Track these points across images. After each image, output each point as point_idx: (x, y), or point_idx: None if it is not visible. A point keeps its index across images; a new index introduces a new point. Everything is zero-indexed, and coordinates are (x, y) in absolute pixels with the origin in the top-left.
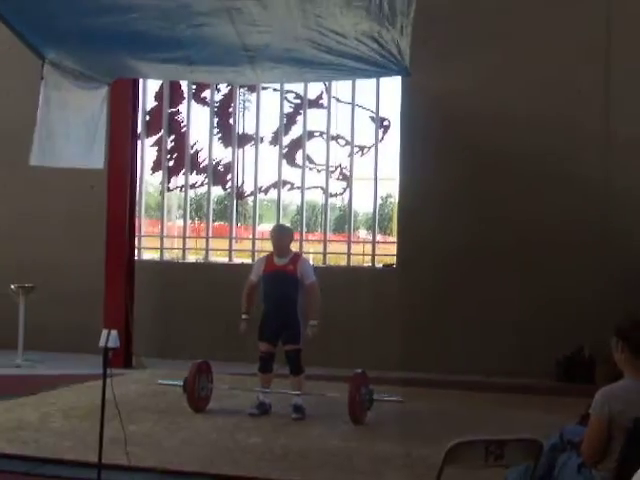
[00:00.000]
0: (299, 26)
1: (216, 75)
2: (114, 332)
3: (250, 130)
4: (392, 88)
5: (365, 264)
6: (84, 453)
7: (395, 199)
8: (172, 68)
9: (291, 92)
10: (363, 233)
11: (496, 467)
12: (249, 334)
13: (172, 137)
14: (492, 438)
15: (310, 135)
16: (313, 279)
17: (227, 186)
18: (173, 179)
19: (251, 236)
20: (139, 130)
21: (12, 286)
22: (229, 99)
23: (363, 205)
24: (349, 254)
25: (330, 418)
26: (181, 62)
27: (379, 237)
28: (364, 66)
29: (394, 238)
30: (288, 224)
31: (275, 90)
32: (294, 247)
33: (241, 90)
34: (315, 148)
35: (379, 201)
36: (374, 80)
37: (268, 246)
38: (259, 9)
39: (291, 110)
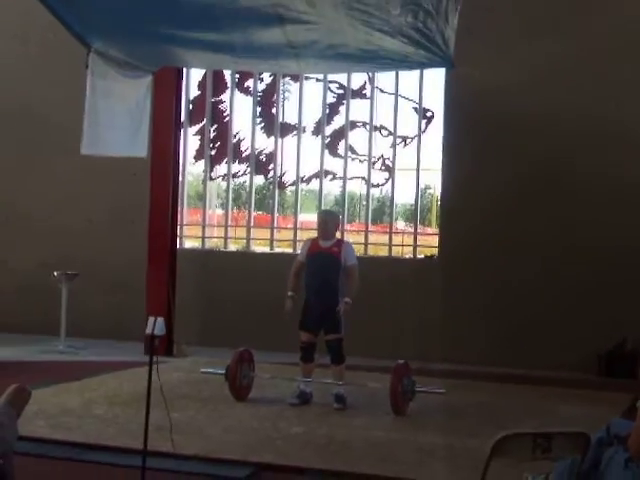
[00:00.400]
0: (345, 23)
1: (260, 65)
2: (160, 319)
3: (292, 120)
4: (436, 78)
5: (405, 255)
6: (127, 440)
7: (434, 190)
8: (216, 57)
9: (334, 82)
10: (401, 224)
11: (543, 460)
12: (293, 314)
13: (215, 126)
14: (540, 431)
15: (353, 125)
16: (355, 261)
17: (269, 176)
18: (215, 168)
19: (292, 225)
20: (182, 119)
21: (55, 273)
22: (272, 88)
23: (401, 196)
24: (390, 245)
25: (372, 408)
26: (225, 52)
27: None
28: (408, 58)
29: (432, 229)
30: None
31: (318, 80)
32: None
33: (284, 80)
34: (357, 138)
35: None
36: (418, 71)
37: (308, 236)
38: (305, 6)
39: (334, 100)
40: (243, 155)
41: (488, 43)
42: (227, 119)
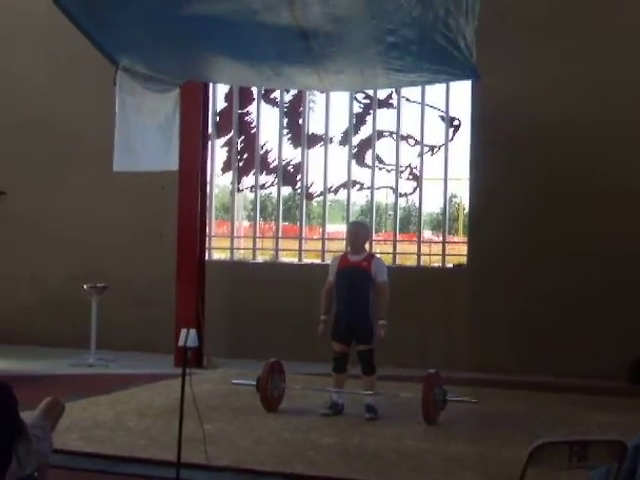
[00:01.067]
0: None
1: (285, 84)
2: (193, 331)
3: (319, 130)
4: (462, 87)
5: (433, 264)
6: (159, 452)
7: (460, 199)
8: (241, 75)
9: (360, 92)
10: (427, 233)
11: (579, 468)
12: (328, 335)
13: (242, 138)
14: (575, 439)
15: (379, 135)
16: (385, 278)
17: (296, 187)
18: (242, 180)
19: (319, 236)
20: (209, 131)
21: (85, 286)
22: (298, 100)
23: (427, 205)
24: (419, 254)
25: (403, 418)
26: (251, 70)
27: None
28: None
29: (459, 238)
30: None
31: (344, 90)
32: None
33: (310, 91)
34: (384, 148)
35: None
36: None
37: (335, 246)
38: (331, 27)
39: (360, 110)
40: (270, 166)
41: (511, 52)
42: (254, 130)
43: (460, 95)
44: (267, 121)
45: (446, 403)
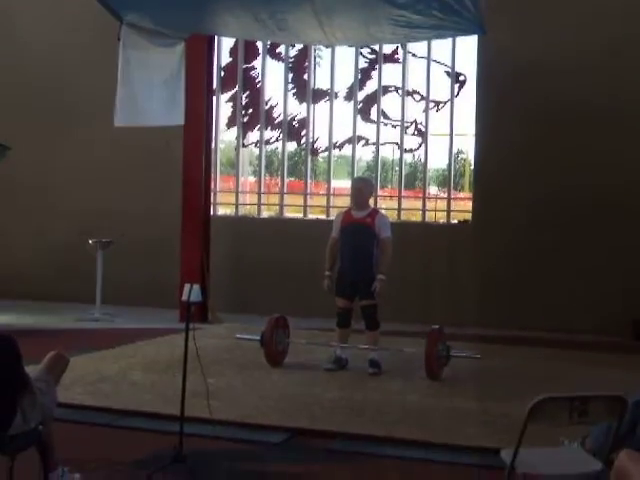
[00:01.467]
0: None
1: (290, 38)
2: (196, 286)
3: (325, 85)
4: (468, 43)
5: (438, 220)
6: (164, 406)
7: (467, 155)
8: (246, 28)
9: (366, 47)
10: (433, 189)
11: (580, 424)
12: (332, 290)
13: (247, 93)
14: (576, 395)
15: (385, 90)
16: (388, 234)
17: (301, 142)
18: (247, 135)
19: (324, 192)
20: (214, 86)
21: (90, 241)
22: (304, 54)
23: (433, 161)
24: (424, 210)
25: (407, 373)
26: (255, 23)
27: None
28: (440, 26)
29: (465, 194)
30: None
31: (350, 46)
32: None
33: (315, 46)
34: (390, 103)
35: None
36: None
37: (341, 202)
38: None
39: (366, 65)
40: (275, 122)
41: (517, 6)
42: (259, 86)
43: (466, 50)
44: (272, 76)
45: (449, 359)
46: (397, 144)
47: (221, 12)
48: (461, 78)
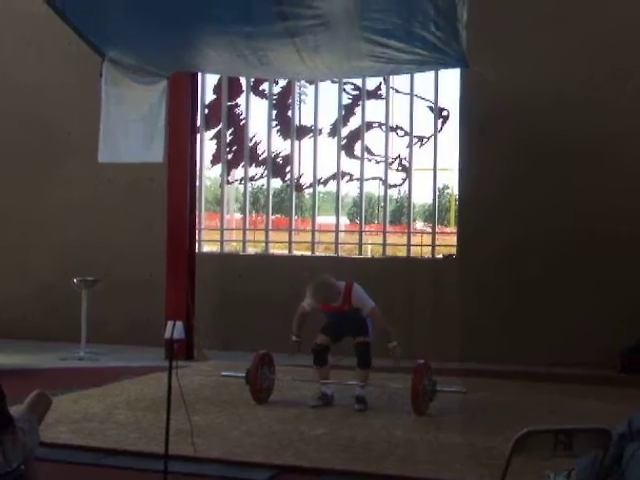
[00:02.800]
0: (359, 36)
1: (273, 72)
2: (179, 323)
3: (308, 122)
4: (451, 78)
5: (424, 255)
6: (149, 444)
7: (452, 190)
8: (229, 64)
9: (349, 83)
10: (419, 224)
11: (565, 457)
12: (301, 354)
13: (231, 130)
14: (561, 427)
15: (369, 126)
16: (371, 305)
17: (286, 178)
18: (232, 172)
19: (310, 228)
20: (198, 123)
21: (74, 280)
22: (287, 91)
23: (419, 196)
24: (409, 245)
25: (392, 409)
26: (238, 59)
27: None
28: (423, 61)
29: (451, 229)
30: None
31: (333, 82)
32: (353, 238)
33: (299, 83)
34: (374, 139)
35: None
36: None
37: (326, 238)
38: (321, 29)
39: (349, 101)
40: (260, 158)
41: (499, 42)
42: (243, 123)
43: (448, 85)
44: (256, 113)
45: (435, 394)
46: (381, 179)
47: (203, 48)
48: (444, 113)
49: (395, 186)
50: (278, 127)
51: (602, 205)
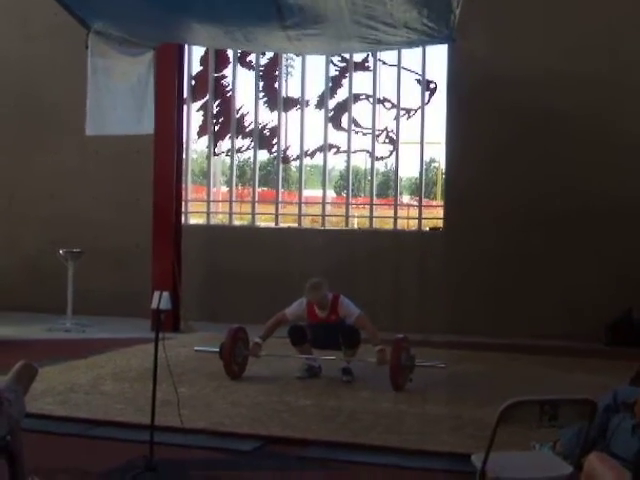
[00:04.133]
0: (348, 21)
1: (260, 47)
2: (165, 294)
3: (296, 94)
4: (438, 50)
5: (410, 228)
6: (135, 415)
7: (439, 164)
8: (215, 37)
9: (336, 55)
10: (406, 198)
11: (550, 427)
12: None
13: (218, 102)
14: (546, 398)
15: (356, 98)
16: (357, 312)
17: (273, 150)
18: (218, 144)
19: (296, 200)
20: (185, 95)
21: (61, 251)
22: (274, 63)
23: (406, 170)
24: (395, 218)
25: (379, 381)
26: (224, 33)
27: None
28: (410, 41)
29: (438, 202)
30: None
31: (320, 54)
32: (340, 211)
33: (286, 55)
34: (361, 111)
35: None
36: None
37: (312, 210)
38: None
39: (337, 73)
40: (246, 130)
41: (488, 15)
42: (230, 94)
43: (436, 57)
44: (243, 84)
45: (414, 368)
46: (368, 152)
47: (189, 23)
48: (432, 86)
49: (382, 159)
50: (265, 99)
51: (586, 178)
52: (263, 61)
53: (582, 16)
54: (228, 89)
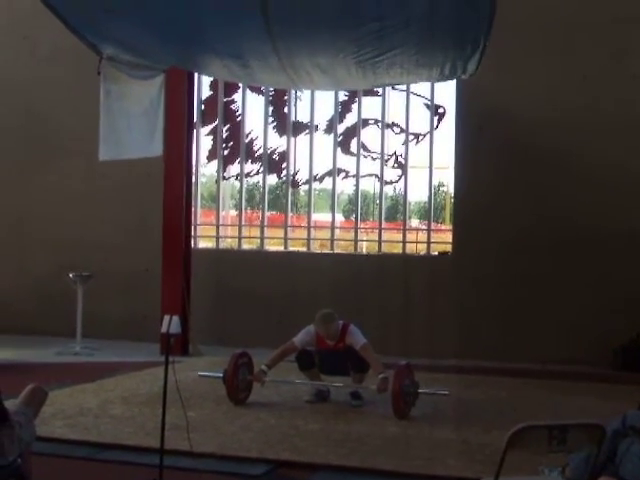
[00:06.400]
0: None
1: (268, 84)
2: (175, 318)
3: (305, 118)
4: None
5: (419, 252)
6: (145, 439)
7: (447, 188)
8: (220, 71)
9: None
10: (415, 222)
11: (559, 452)
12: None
13: (227, 126)
14: (555, 423)
15: (365, 123)
16: (363, 342)
17: (282, 175)
18: (228, 168)
19: (305, 224)
20: (195, 119)
21: (70, 275)
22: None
23: (414, 194)
24: (404, 242)
25: (388, 405)
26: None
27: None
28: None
29: (447, 226)
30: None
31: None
32: (348, 235)
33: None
34: (370, 136)
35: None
36: None
37: (321, 235)
38: (318, 72)
39: (346, 98)
40: (256, 155)
41: (495, 48)
42: (239, 119)
43: (445, 83)
44: (252, 109)
45: (417, 396)
46: (377, 176)
47: (195, 55)
48: (440, 110)
49: (391, 183)
50: (274, 123)
51: (594, 202)
52: None
53: (587, 51)
54: (238, 114)
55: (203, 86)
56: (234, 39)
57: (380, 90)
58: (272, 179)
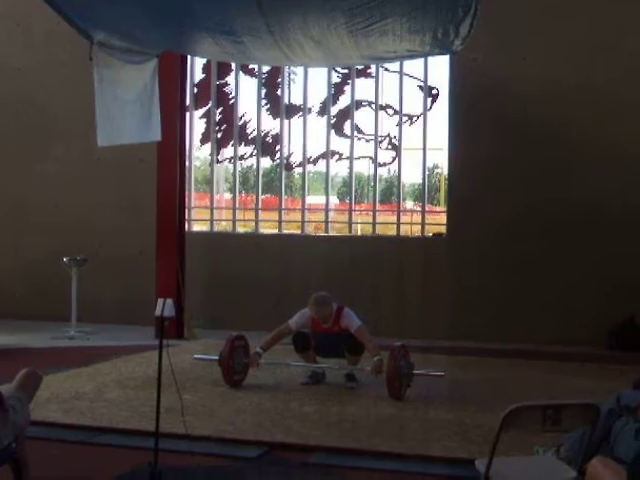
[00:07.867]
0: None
1: (260, 62)
2: (169, 301)
3: (298, 101)
4: (440, 57)
5: (413, 234)
6: (140, 422)
7: (441, 170)
8: (214, 54)
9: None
10: (409, 204)
11: (553, 432)
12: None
13: (220, 109)
14: (549, 403)
15: (358, 105)
16: (358, 324)
17: (275, 157)
18: (221, 151)
19: (299, 207)
20: (187, 103)
21: (64, 259)
22: (277, 70)
23: (409, 176)
24: (398, 224)
25: (382, 387)
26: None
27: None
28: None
29: (441, 208)
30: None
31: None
32: (343, 217)
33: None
34: (363, 118)
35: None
36: None
37: (316, 217)
38: (311, 44)
39: (339, 80)
40: (249, 137)
41: (489, 21)
42: (232, 101)
43: (438, 64)
44: (245, 92)
45: (412, 377)
46: (371, 158)
47: (188, 36)
48: (434, 92)
49: (385, 165)
50: (267, 106)
51: (588, 185)
52: (265, 68)
53: (583, 28)
54: (231, 96)
55: (196, 69)
56: (225, 15)
57: (373, 71)
58: (266, 162)
